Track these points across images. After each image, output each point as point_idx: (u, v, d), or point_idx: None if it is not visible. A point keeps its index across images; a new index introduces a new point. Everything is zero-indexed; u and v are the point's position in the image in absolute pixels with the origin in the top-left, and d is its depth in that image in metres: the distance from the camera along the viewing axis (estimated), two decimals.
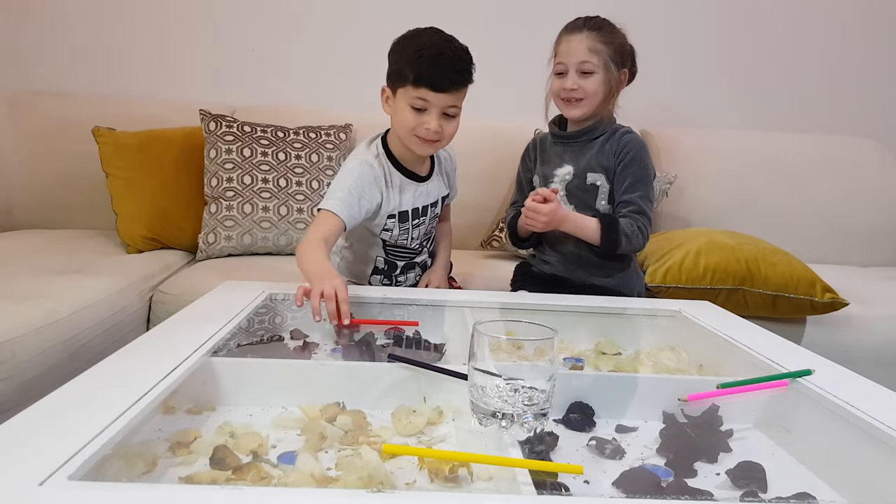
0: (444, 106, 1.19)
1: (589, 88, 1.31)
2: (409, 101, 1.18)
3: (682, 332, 1.12)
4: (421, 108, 1.18)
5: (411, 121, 1.19)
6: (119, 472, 0.57)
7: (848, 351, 1.60)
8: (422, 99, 1.17)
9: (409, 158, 1.30)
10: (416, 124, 1.19)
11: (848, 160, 2.30)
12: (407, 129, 1.21)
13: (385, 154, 1.30)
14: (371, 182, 1.24)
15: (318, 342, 0.98)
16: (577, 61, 1.30)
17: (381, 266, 1.37)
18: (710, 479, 0.67)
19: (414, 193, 1.31)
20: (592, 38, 1.30)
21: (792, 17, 2.43)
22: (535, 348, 0.67)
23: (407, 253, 1.37)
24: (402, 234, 1.32)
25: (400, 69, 1.18)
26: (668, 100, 2.41)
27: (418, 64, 1.15)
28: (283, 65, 2.30)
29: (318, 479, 0.59)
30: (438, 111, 1.19)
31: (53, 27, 2.21)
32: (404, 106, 1.19)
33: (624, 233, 1.30)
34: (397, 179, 1.29)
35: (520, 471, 0.57)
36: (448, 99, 1.18)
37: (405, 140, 1.24)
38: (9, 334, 1.05)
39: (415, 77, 1.16)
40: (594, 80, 1.31)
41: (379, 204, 1.26)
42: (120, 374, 0.70)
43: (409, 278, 1.40)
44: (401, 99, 1.20)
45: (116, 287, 1.40)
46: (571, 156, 1.38)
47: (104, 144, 1.82)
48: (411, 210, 1.31)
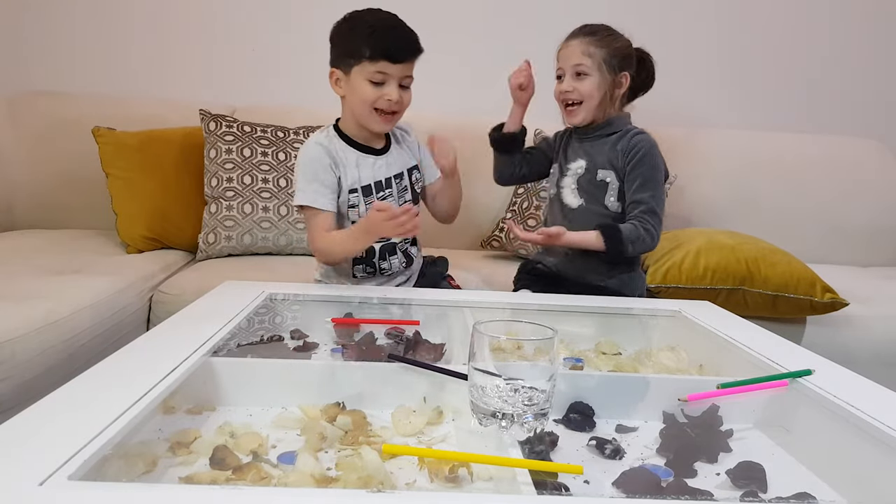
0: (402, 76, 1.24)
1: (583, 90, 1.35)
2: (368, 76, 1.22)
3: (682, 332, 1.12)
4: (380, 81, 1.23)
5: (371, 94, 1.23)
6: (119, 472, 0.57)
7: (848, 351, 1.61)
8: (381, 72, 1.22)
9: (362, 136, 1.32)
10: (377, 97, 1.23)
11: (848, 160, 2.30)
12: (367, 103, 1.24)
13: (337, 135, 1.32)
14: (323, 161, 1.27)
15: (318, 342, 0.97)
16: (571, 64, 1.35)
17: (360, 254, 1.34)
18: (710, 479, 0.67)
19: (373, 167, 1.32)
20: (586, 42, 1.35)
21: (792, 16, 2.43)
22: (535, 348, 0.67)
23: None
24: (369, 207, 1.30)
25: (355, 47, 1.22)
26: (669, 100, 2.41)
27: (373, 38, 1.21)
28: (283, 65, 2.30)
29: (318, 479, 0.59)
30: (396, 82, 1.24)
31: (53, 27, 2.21)
32: (362, 82, 1.23)
33: (629, 240, 1.31)
34: (352, 156, 1.31)
35: (520, 471, 0.57)
36: (405, 69, 1.24)
37: (364, 118, 1.27)
38: (9, 334, 1.05)
39: (372, 52, 1.21)
40: (588, 82, 1.34)
41: (337, 179, 1.29)
42: (120, 374, 0.70)
43: (394, 264, 1.36)
44: (356, 76, 1.24)
45: (116, 287, 1.40)
46: (586, 151, 1.40)
47: (104, 144, 1.82)
48: (374, 183, 1.31)
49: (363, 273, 1.35)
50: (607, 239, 1.32)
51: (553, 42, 1.41)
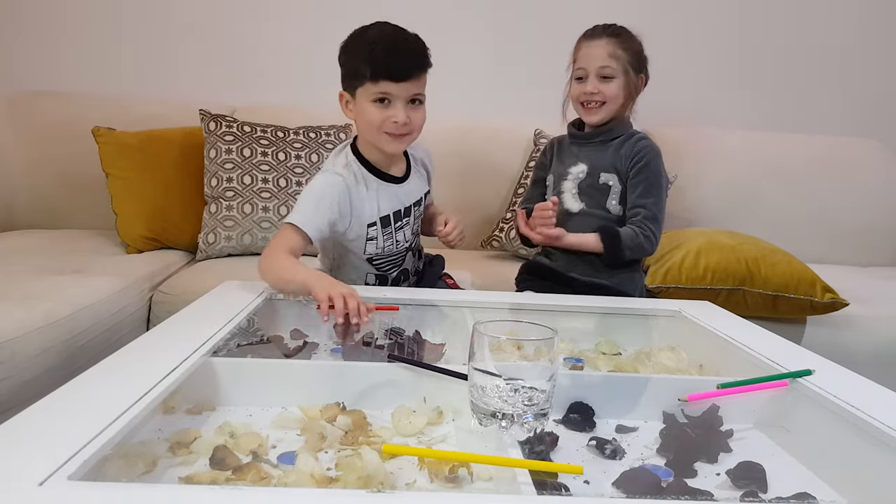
0: (408, 95, 1.16)
1: (609, 93, 1.34)
2: (372, 98, 1.15)
3: (682, 332, 1.12)
4: (384, 100, 1.15)
5: (377, 117, 1.16)
6: (119, 472, 0.57)
7: (848, 351, 1.60)
8: (384, 92, 1.14)
9: (382, 160, 1.26)
10: (383, 119, 1.16)
11: (848, 160, 2.30)
12: (374, 126, 1.17)
13: (357, 160, 1.25)
14: (335, 198, 1.19)
15: (318, 342, 0.97)
16: (597, 66, 1.33)
17: (373, 283, 1.32)
18: (710, 479, 0.67)
19: (393, 196, 1.26)
20: (612, 43, 1.33)
21: (792, 17, 2.43)
22: (535, 348, 0.67)
23: (395, 259, 1.32)
24: (386, 240, 1.27)
25: (355, 68, 1.16)
26: (669, 100, 2.41)
27: (373, 57, 1.13)
28: (283, 65, 2.30)
29: (318, 479, 0.59)
30: (403, 102, 1.16)
31: (53, 27, 2.21)
32: (367, 104, 1.16)
33: (627, 245, 1.32)
34: (374, 184, 1.24)
35: (520, 471, 0.57)
36: (410, 87, 1.15)
37: (375, 140, 1.20)
38: (9, 334, 1.05)
39: (372, 71, 1.13)
40: (614, 85, 1.34)
41: (349, 215, 1.21)
42: (120, 374, 0.70)
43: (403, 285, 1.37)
44: (362, 98, 1.17)
45: (116, 287, 1.40)
46: (587, 155, 1.40)
47: (104, 144, 1.82)
48: (392, 214, 1.26)
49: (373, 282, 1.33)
50: (606, 242, 1.32)
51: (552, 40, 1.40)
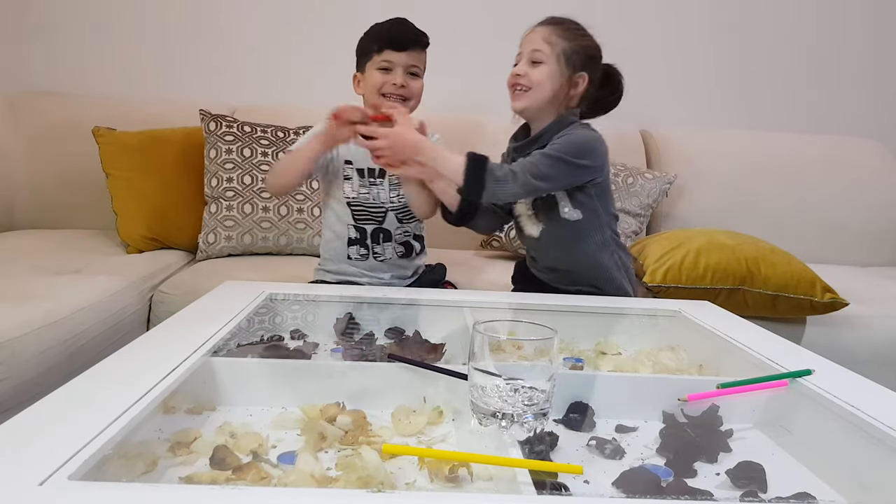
0: (407, 65, 1.32)
1: (534, 77, 1.25)
2: (376, 66, 1.33)
3: (682, 332, 1.12)
4: (387, 68, 1.32)
5: (379, 80, 1.32)
6: (119, 472, 0.57)
7: (848, 351, 1.61)
8: (386, 61, 1.32)
9: None
10: (384, 82, 1.32)
11: (848, 160, 2.30)
12: (376, 89, 1.33)
13: None
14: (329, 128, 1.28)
15: (318, 342, 0.98)
16: (529, 49, 1.27)
17: (354, 235, 1.39)
18: (710, 479, 0.67)
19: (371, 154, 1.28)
20: (549, 30, 1.27)
21: (791, 16, 2.43)
22: (535, 348, 0.67)
23: (374, 213, 1.39)
24: (362, 187, 1.39)
25: (367, 47, 1.34)
26: (668, 100, 2.41)
27: (379, 33, 1.33)
28: (283, 65, 2.30)
29: (318, 479, 0.59)
30: (403, 70, 1.32)
31: (54, 27, 2.21)
32: (372, 72, 1.33)
33: (492, 174, 1.17)
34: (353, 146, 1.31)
35: (520, 471, 0.57)
36: (409, 58, 1.32)
37: (377, 102, 1.32)
38: (9, 334, 1.05)
39: (378, 45, 1.32)
40: (541, 70, 1.25)
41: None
42: (120, 374, 0.70)
43: (387, 251, 1.39)
44: (369, 70, 1.34)
45: (116, 287, 1.40)
46: None
47: (104, 144, 1.82)
48: (367, 168, 1.38)
49: (357, 255, 1.39)
50: (471, 164, 1.18)
51: None
